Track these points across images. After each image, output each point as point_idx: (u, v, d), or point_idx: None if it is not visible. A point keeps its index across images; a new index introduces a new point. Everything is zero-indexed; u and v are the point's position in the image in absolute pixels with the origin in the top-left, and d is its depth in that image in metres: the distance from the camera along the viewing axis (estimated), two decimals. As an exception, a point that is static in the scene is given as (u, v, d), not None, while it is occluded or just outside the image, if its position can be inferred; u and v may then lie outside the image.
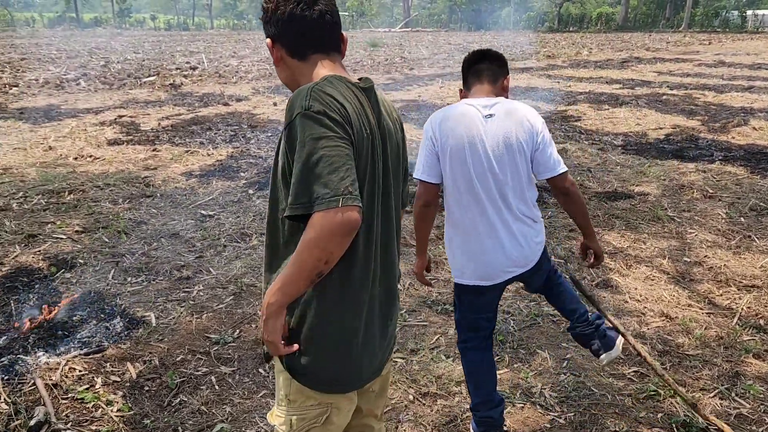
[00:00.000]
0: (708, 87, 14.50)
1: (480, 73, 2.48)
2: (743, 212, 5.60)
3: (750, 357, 3.33)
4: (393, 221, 1.64)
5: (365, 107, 1.53)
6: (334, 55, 1.63)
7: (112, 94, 14.07)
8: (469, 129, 2.31)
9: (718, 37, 39.88)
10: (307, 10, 1.55)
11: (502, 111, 2.35)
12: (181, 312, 3.79)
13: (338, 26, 1.63)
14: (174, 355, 3.33)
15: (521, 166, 2.35)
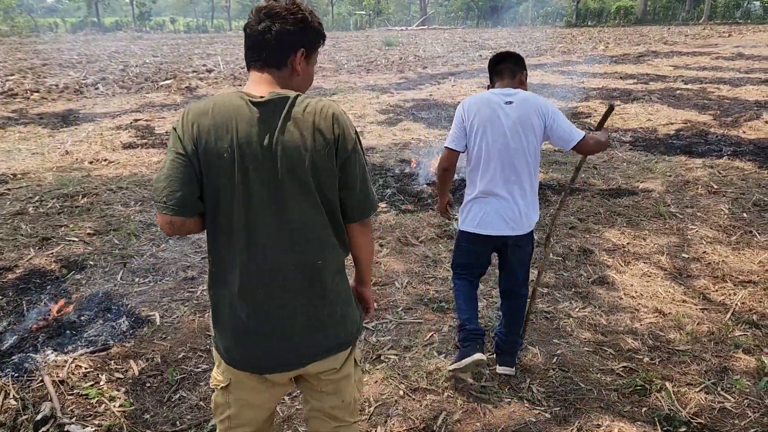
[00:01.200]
0: (723, 81, 14.34)
1: (501, 73, 3.05)
2: (746, 207, 5.59)
3: (740, 352, 3.37)
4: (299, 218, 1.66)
5: (249, 122, 1.61)
6: (270, 70, 1.70)
7: (129, 98, 14.34)
8: (492, 111, 2.92)
9: (738, 28, 39.23)
10: (252, 27, 1.69)
11: (519, 99, 2.93)
12: (184, 311, 3.92)
13: (281, 43, 1.68)
14: (176, 353, 3.46)
15: (532, 143, 2.92)
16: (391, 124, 10.42)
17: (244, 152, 1.60)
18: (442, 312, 3.93)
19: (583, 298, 4.05)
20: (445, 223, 5.41)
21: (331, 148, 1.64)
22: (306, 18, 1.70)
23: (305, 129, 1.62)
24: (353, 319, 1.87)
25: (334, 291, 1.77)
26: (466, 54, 24.93)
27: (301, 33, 1.69)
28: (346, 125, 1.67)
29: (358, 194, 1.71)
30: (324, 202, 1.68)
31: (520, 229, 3.00)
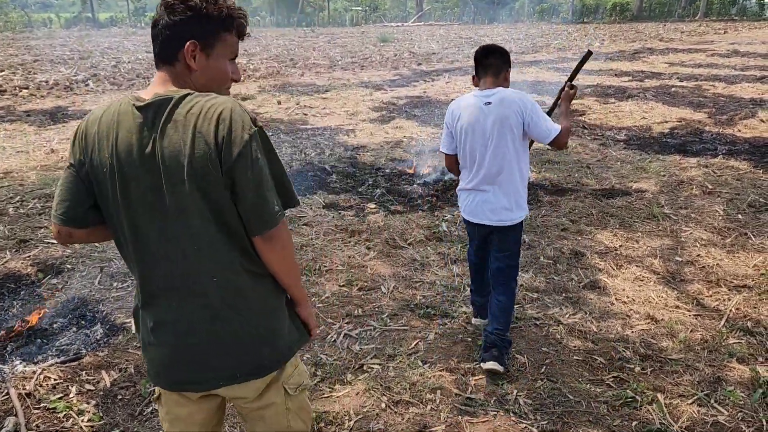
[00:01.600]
0: (719, 78, 14.24)
1: (487, 68, 3.14)
2: (741, 209, 5.49)
3: (734, 361, 3.26)
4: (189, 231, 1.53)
5: (129, 131, 1.51)
6: (166, 67, 1.59)
7: (119, 95, 14.17)
8: (472, 114, 3.09)
9: (734, 25, 39.14)
10: (154, 21, 1.59)
11: (497, 99, 3.05)
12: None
13: (169, 37, 1.56)
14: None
15: (510, 142, 3.06)
16: (384, 121, 10.29)
17: (122, 163, 1.50)
18: (429, 318, 3.81)
19: (573, 304, 3.93)
20: (435, 225, 5.29)
21: (212, 153, 1.45)
22: (195, 5, 1.54)
23: (186, 132, 1.46)
24: (273, 344, 1.66)
25: (236, 309, 1.59)
26: (461, 50, 24.79)
27: (188, 23, 1.54)
28: (234, 127, 1.45)
29: (249, 205, 1.50)
30: (214, 211, 1.51)
31: (503, 221, 3.19)
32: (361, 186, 6.54)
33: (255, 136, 1.49)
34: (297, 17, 73.57)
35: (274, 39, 36.16)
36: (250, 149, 1.46)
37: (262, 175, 1.49)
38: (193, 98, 1.51)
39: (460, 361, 3.33)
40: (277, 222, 1.53)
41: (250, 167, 1.47)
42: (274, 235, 1.54)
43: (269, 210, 1.51)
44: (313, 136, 9.21)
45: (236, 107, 1.50)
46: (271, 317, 1.66)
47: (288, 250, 1.61)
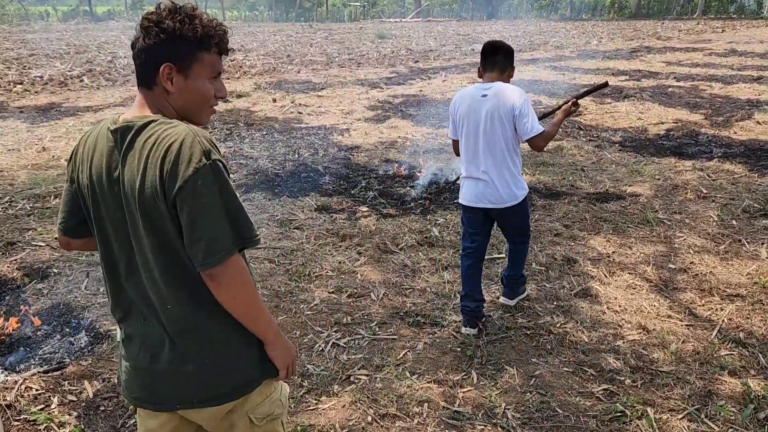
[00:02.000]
0: (716, 78, 14.20)
1: (494, 64, 3.42)
2: (736, 214, 5.45)
3: (725, 374, 3.22)
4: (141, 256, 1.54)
5: (102, 152, 1.55)
6: (144, 90, 1.59)
7: (114, 91, 14.08)
8: (470, 104, 3.43)
9: (732, 24, 39.09)
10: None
11: (492, 92, 3.36)
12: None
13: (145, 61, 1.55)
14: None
15: (501, 132, 3.36)
16: (379, 121, 10.23)
17: (95, 184, 1.56)
18: (418, 327, 3.76)
19: (564, 313, 3.89)
20: (427, 229, 5.24)
21: (158, 185, 1.44)
22: (168, 28, 1.51)
23: (140, 162, 1.47)
24: (229, 376, 1.62)
25: (190, 339, 1.58)
26: (459, 48, 24.70)
27: (163, 46, 1.52)
28: (180, 159, 1.42)
29: (188, 241, 1.46)
30: (163, 242, 1.50)
31: (501, 203, 3.47)
32: (354, 188, 6.49)
33: (203, 169, 1.43)
34: (295, 12, 73.34)
35: (271, 35, 35.99)
36: (192, 184, 1.42)
37: (203, 212, 1.44)
38: (154, 126, 1.49)
39: (449, 373, 3.29)
40: (218, 261, 1.46)
41: (189, 202, 1.43)
42: (217, 274, 1.48)
43: (210, 248, 1.45)
44: (307, 135, 9.15)
45: (188, 139, 1.45)
46: (226, 349, 1.62)
47: (237, 290, 1.53)
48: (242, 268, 1.52)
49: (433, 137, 8.88)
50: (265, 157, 7.79)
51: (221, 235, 1.45)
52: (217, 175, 1.45)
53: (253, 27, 49.70)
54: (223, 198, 1.46)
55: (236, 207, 1.49)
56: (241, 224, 1.50)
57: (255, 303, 1.58)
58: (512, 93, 3.32)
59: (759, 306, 3.90)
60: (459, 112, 3.50)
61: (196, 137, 1.46)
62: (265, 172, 7.07)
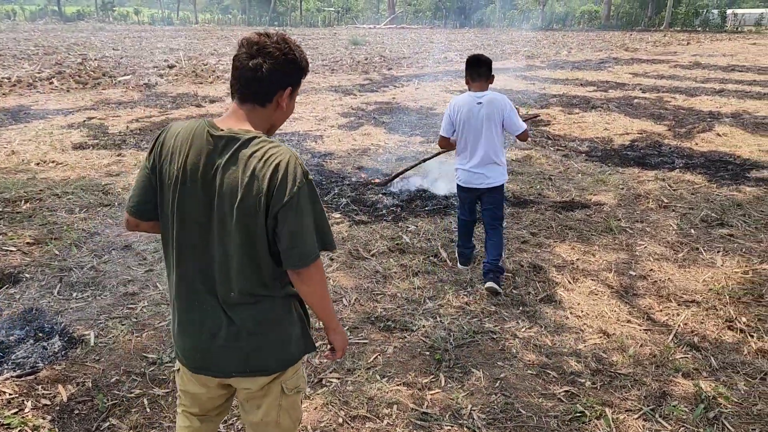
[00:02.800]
0: (680, 90, 14.66)
1: (480, 75, 4.27)
2: (694, 223, 5.69)
3: (679, 376, 3.40)
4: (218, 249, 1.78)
5: (199, 152, 1.74)
6: (251, 105, 1.80)
7: (84, 94, 13.94)
8: (469, 110, 4.28)
9: (697, 36, 40.23)
10: (242, 62, 1.78)
11: (487, 100, 4.25)
12: (121, 330, 3.78)
13: (270, 82, 1.77)
14: (108, 377, 3.33)
15: (494, 132, 4.29)
16: (352, 128, 10.34)
17: (186, 177, 1.74)
18: (389, 332, 3.87)
19: (530, 318, 4.04)
20: (398, 236, 5.36)
21: (262, 197, 1.68)
22: (296, 59, 1.80)
23: (245, 172, 1.69)
24: (280, 352, 1.90)
25: (247, 323, 1.83)
26: (432, 56, 24.99)
27: (290, 72, 1.81)
28: (287, 178, 1.68)
29: (286, 246, 1.73)
30: (249, 243, 1.74)
31: (490, 185, 4.40)
32: (326, 195, 6.58)
33: (303, 187, 1.70)
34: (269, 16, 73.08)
35: (245, 38, 35.86)
36: (296, 199, 1.69)
37: (301, 223, 1.71)
38: (258, 142, 1.72)
39: (417, 375, 3.40)
40: (307, 263, 1.75)
41: (292, 215, 1.70)
42: (304, 273, 1.77)
43: (302, 252, 1.73)
44: (280, 141, 9.20)
45: (292, 160, 1.71)
46: (280, 332, 1.88)
47: (317, 286, 1.83)
48: (322, 269, 1.83)
49: (405, 145, 9.02)
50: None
51: (312, 243, 1.75)
52: (312, 194, 1.74)
53: (226, 30, 49.42)
54: (316, 212, 1.75)
55: (324, 219, 1.78)
56: (326, 233, 1.79)
57: (327, 296, 1.89)
58: (501, 101, 4.27)
59: (713, 312, 4.10)
60: (459, 116, 4.32)
61: (296, 159, 1.73)
62: (238, 178, 7.11)
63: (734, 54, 25.70)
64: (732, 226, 5.63)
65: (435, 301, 4.26)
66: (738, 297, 4.28)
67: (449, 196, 6.44)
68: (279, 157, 1.70)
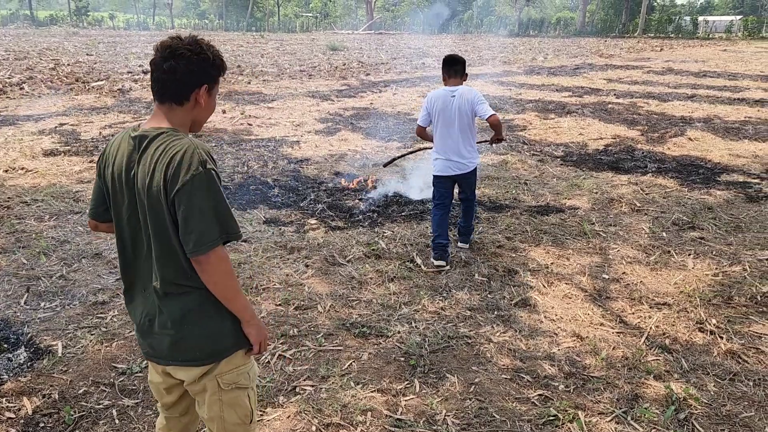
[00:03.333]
0: (653, 95, 14.89)
1: (456, 72, 4.85)
2: (666, 227, 5.76)
3: (651, 379, 3.42)
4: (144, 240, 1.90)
5: (123, 154, 1.88)
6: (169, 105, 1.91)
7: (57, 100, 13.72)
8: (444, 102, 4.80)
9: (670, 43, 40.97)
10: (157, 65, 1.89)
11: (459, 93, 4.78)
12: (90, 340, 3.71)
13: (185, 82, 1.89)
14: (76, 388, 3.25)
15: (466, 120, 4.79)
16: (329, 133, 10.32)
17: (116, 179, 1.90)
18: (364, 338, 3.85)
19: (504, 322, 4.05)
20: (374, 241, 5.35)
21: (161, 186, 1.78)
22: (208, 57, 1.90)
23: (150, 165, 1.80)
24: (205, 343, 1.94)
25: (174, 313, 1.90)
26: (410, 62, 25.07)
27: (203, 71, 1.91)
28: (181, 164, 1.76)
29: (182, 233, 1.80)
30: (161, 232, 1.83)
31: (465, 170, 4.92)
32: (303, 201, 6.55)
33: (198, 175, 1.76)
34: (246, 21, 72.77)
35: (221, 44, 35.66)
36: (189, 186, 1.75)
37: (195, 208, 1.77)
38: (164, 137, 1.83)
39: (392, 382, 3.38)
40: (204, 250, 1.79)
41: (185, 200, 1.76)
42: (203, 261, 1.81)
43: (197, 238, 1.78)
44: (257, 147, 9.16)
45: (189, 150, 1.79)
46: (207, 324, 1.93)
47: (220, 276, 1.85)
48: (224, 258, 1.84)
49: (382, 150, 9.02)
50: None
51: (209, 230, 1.78)
52: (209, 181, 1.79)
53: (202, 35, 49.08)
54: (214, 199, 1.79)
55: (223, 208, 1.82)
56: (227, 222, 1.83)
57: (232, 287, 1.90)
58: (471, 93, 4.80)
59: (684, 314, 4.15)
60: (435, 108, 4.81)
61: (197, 149, 1.80)
62: (213, 185, 7.04)
63: (706, 60, 26.21)
64: (703, 229, 5.71)
65: (410, 306, 4.25)
66: (708, 299, 4.34)
67: (426, 201, 6.45)
68: (177, 147, 1.79)
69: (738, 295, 4.40)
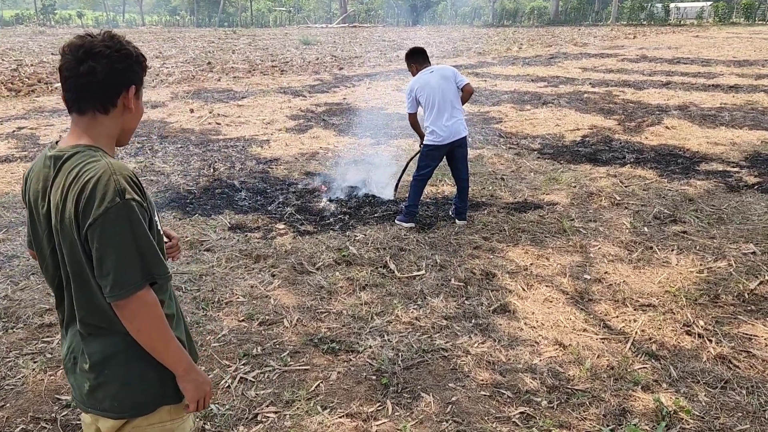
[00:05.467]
0: (628, 84, 14.78)
1: (424, 60, 5.44)
2: (647, 221, 5.58)
3: (638, 390, 3.21)
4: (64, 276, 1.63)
5: (39, 178, 1.62)
6: (78, 115, 1.63)
7: (17, 102, 13.21)
8: (425, 80, 5.27)
9: (643, 30, 41.12)
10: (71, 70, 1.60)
11: (435, 69, 5.33)
12: (33, 369, 3.39)
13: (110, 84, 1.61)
14: (13, 425, 2.95)
15: (448, 91, 5.24)
16: (301, 131, 10.01)
17: (32, 205, 1.66)
18: (333, 354, 3.58)
19: (482, 331, 3.81)
20: (345, 246, 5.08)
21: (71, 218, 1.52)
22: (130, 53, 1.63)
23: (62, 193, 1.54)
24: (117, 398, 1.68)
25: (94, 356, 1.65)
26: (384, 54, 24.76)
27: (129, 69, 1.64)
28: (93, 196, 1.49)
29: (98, 275, 1.54)
30: (75, 267, 1.58)
31: (461, 134, 5.32)
32: (271, 204, 6.25)
33: (113, 208, 1.49)
34: (218, 17, 71.75)
35: (192, 41, 34.99)
36: (102, 221, 1.49)
37: (111, 248, 1.51)
38: (77, 158, 1.56)
39: (363, 404, 3.13)
40: (124, 295, 1.53)
41: (98, 238, 1.50)
42: (124, 307, 1.55)
43: (116, 282, 1.52)
44: (224, 147, 8.81)
45: (104, 177, 1.51)
46: (125, 373, 1.66)
47: (144, 324, 1.59)
48: (149, 304, 1.56)
49: (356, 147, 8.74)
50: (178, 173, 7.42)
51: (128, 271, 1.52)
52: (128, 214, 1.51)
53: (173, 32, 48.18)
54: (134, 236, 1.52)
55: (146, 245, 1.54)
56: (151, 261, 1.55)
57: (161, 337, 1.61)
58: (446, 66, 5.41)
59: (670, 316, 3.95)
60: (420, 89, 5.24)
61: (113, 175, 1.51)
62: (176, 189, 6.72)
63: (678, 47, 26.26)
64: (685, 223, 5.54)
65: (383, 317, 3.99)
66: (694, 299, 4.15)
67: (399, 201, 6.19)
68: (90, 173, 1.51)
69: (725, 293, 4.21)
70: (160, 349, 1.63)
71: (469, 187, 5.67)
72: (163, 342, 1.62)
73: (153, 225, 1.63)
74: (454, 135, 5.24)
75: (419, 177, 5.49)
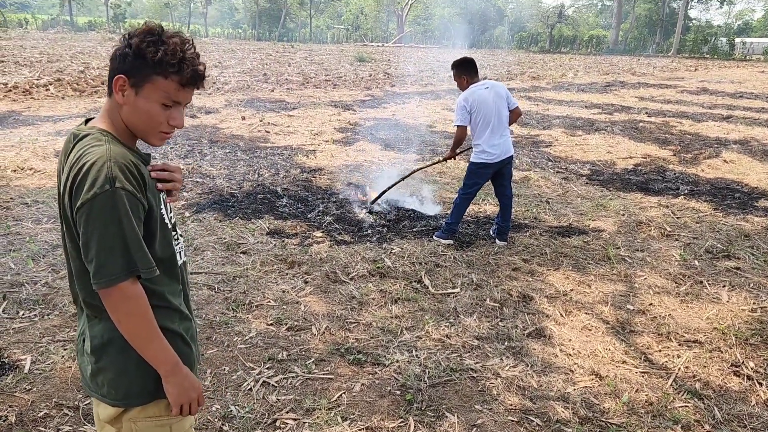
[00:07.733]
0: (686, 115, 14.33)
1: (475, 71, 5.29)
2: (698, 254, 5.31)
3: (678, 429, 3.01)
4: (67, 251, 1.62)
5: (63, 152, 1.61)
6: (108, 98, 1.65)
7: (79, 102, 13.73)
8: (480, 95, 5.14)
9: (705, 63, 40.03)
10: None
11: (491, 84, 5.23)
12: (62, 355, 3.42)
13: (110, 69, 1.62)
14: (37, 410, 2.97)
15: (503, 109, 5.20)
16: (347, 143, 10.04)
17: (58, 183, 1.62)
18: (358, 365, 3.50)
19: (515, 354, 3.67)
20: (381, 258, 5.01)
21: (68, 198, 1.53)
22: (133, 45, 1.56)
23: (67, 172, 1.53)
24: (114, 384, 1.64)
25: (96, 339, 1.63)
26: (437, 74, 24.78)
27: (124, 58, 1.57)
28: (85, 180, 1.46)
29: (84, 258, 1.52)
30: (74, 248, 1.57)
31: (507, 154, 5.28)
32: (311, 212, 6.24)
33: (102, 195, 1.46)
34: (279, 32, 73.50)
35: (251, 52, 35.88)
36: (89, 207, 1.46)
37: (93, 235, 1.48)
38: (87, 140, 1.54)
39: (384, 419, 3.03)
40: (105, 285, 1.49)
41: (84, 224, 1.48)
42: (104, 296, 1.52)
43: (98, 271, 1.49)
44: (271, 155, 8.91)
45: (98, 163, 1.48)
46: (121, 358, 1.62)
47: (125, 317, 1.54)
48: (130, 297, 1.52)
49: (399, 162, 8.70)
50: (224, 176, 7.51)
51: (109, 262, 1.48)
52: (115, 203, 1.47)
53: (234, 44, 49.56)
54: (119, 226, 1.48)
55: (131, 237, 1.50)
56: (135, 254, 1.51)
57: (141, 334, 1.56)
58: (500, 84, 5.32)
59: (717, 354, 3.72)
60: (474, 103, 5.12)
61: (108, 162, 1.48)
62: (220, 192, 6.80)
63: (742, 81, 25.41)
64: (739, 259, 5.25)
65: (413, 332, 3.89)
66: (745, 338, 3.89)
67: (439, 217, 6.10)
68: (89, 156, 1.49)
69: (779, 334, 3.95)
70: (141, 346, 1.58)
71: (512, 207, 5.56)
72: (145, 338, 1.56)
73: (153, 218, 1.59)
74: (505, 153, 5.21)
75: (465, 195, 5.41)
